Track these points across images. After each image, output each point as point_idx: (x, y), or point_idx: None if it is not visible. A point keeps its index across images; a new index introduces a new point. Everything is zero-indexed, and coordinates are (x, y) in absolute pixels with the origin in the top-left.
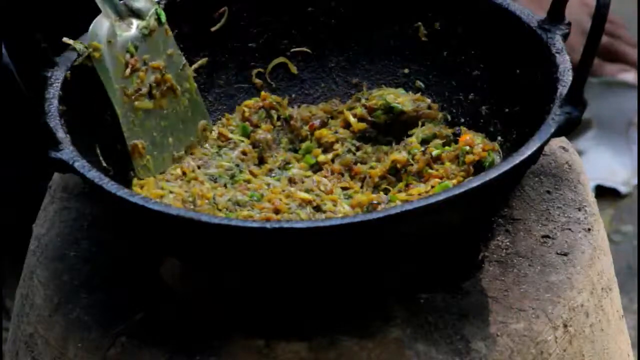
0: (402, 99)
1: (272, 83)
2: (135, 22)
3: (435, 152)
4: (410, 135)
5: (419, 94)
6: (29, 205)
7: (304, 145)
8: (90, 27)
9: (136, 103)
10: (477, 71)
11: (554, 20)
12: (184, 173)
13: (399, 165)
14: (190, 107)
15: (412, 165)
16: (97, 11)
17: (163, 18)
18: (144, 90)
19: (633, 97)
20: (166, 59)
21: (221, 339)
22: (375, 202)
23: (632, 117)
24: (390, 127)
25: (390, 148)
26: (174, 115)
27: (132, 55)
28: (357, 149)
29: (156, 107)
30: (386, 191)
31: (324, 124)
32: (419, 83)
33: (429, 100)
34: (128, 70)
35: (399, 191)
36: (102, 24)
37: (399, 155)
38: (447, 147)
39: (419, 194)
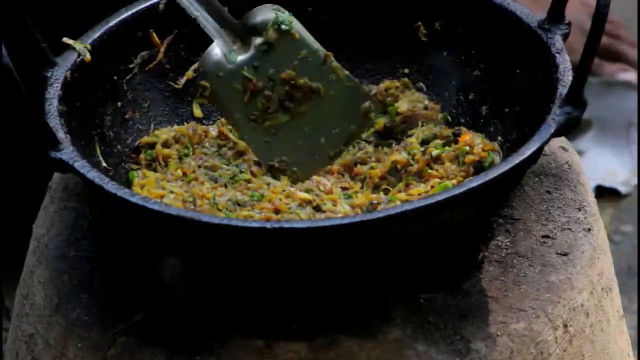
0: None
1: None
2: (254, 40)
3: (435, 153)
4: (410, 136)
5: (418, 94)
6: (29, 205)
7: None
8: (199, 63)
9: (267, 123)
10: (477, 71)
11: (554, 20)
12: (184, 173)
13: (399, 166)
14: (344, 96)
15: (412, 165)
16: (98, 11)
17: (286, 26)
18: (274, 107)
19: (633, 97)
20: (299, 64)
21: (221, 339)
22: (375, 202)
23: (632, 117)
24: (390, 130)
25: (390, 149)
26: (321, 115)
27: (249, 80)
28: (357, 149)
29: (295, 116)
30: (386, 191)
31: None
32: (419, 83)
33: (426, 101)
34: (246, 97)
35: (399, 191)
36: (209, 58)
37: (399, 155)
38: (447, 147)
39: (419, 194)
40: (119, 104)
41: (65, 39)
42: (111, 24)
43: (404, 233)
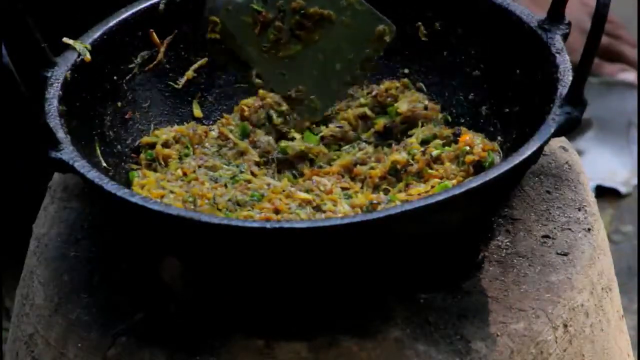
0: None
1: None
2: None
3: (435, 153)
4: (410, 136)
5: (417, 94)
6: (29, 205)
7: None
8: None
9: (280, 54)
10: (477, 71)
11: (554, 20)
12: (184, 173)
13: (399, 166)
14: (357, 21)
15: (412, 165)
16: (98, 11)
17: None
18: (285, 38)
19: (633, 97)
20: None
21: (221, 339)
22: (375, 202)
23: (632, 117)
24: (390, 130)
25: (390, 149)
26: (334, 41)
27: (259, 12)
28: (358, 149)
29: (307, 45)
30: (386, 191)
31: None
32: (419, 83)
33: (426, 101)
34: (257, 29)
35: (399, 191)
36: None
37: (399, 155)
38: (447, 148)
39: (419, 194)
40: (119, 104)
41: (65, 39)
42: (111, 24)
43: (404, 233)
